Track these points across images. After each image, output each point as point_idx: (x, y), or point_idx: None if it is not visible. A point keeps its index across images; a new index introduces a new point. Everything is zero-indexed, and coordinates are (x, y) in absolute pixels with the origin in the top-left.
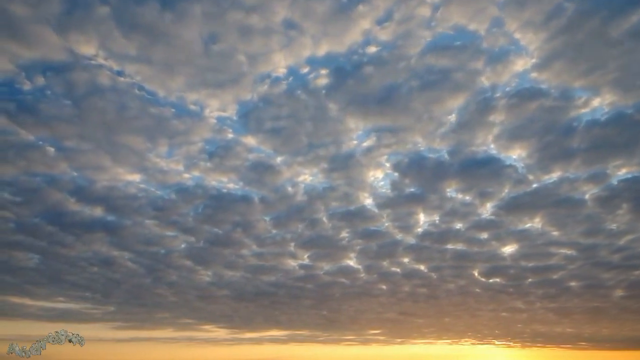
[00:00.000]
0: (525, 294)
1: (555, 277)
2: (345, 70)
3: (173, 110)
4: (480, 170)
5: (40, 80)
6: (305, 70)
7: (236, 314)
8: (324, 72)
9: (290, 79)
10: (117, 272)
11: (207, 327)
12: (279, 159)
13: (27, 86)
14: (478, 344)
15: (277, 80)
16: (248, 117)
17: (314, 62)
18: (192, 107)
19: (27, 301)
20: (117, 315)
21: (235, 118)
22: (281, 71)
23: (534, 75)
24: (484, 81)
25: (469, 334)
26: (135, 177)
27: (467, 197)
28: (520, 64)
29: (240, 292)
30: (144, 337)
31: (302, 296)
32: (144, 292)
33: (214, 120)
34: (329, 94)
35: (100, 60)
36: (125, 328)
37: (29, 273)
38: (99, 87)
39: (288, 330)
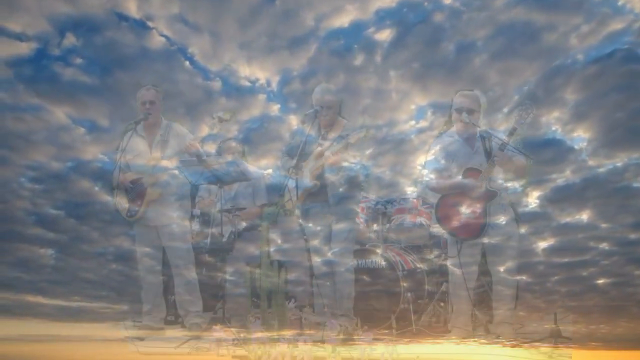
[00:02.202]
0: (548, 293)
1: (584, 274)
2: (410, 22)
3: (221, 84)
4: (540, 155)
5: (72, 46)
6: (367, 24)
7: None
8: (388, 22)
9: (349, 34)
10: (135, 268)
11: (216, 327)
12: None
13: (56, 52)
14: (486, 343)
15: (333, 38)
16: (292, 91)
17: (379, 14)
18: (243, 82)
19: (42, 300)
20: (129, 314)
21: (276, 91)
22: (343, 27)
23: (630, 38)
24: (574, 42)
25: (479, 333)
26: (169, 163)
27: (518, 187)
28: (621, 23)
29: (257, 291)
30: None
31: (317, 295)
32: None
33: (264, 96)
34: (387, 56)
35: (143, 21)
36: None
37: (46, 270)
38: (140, 53)
39: (295, 330)
